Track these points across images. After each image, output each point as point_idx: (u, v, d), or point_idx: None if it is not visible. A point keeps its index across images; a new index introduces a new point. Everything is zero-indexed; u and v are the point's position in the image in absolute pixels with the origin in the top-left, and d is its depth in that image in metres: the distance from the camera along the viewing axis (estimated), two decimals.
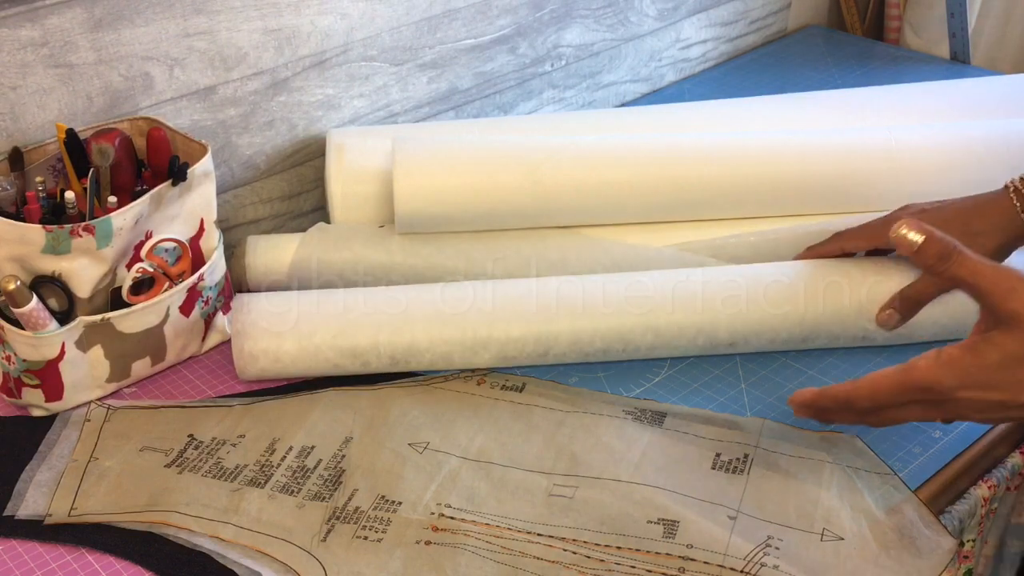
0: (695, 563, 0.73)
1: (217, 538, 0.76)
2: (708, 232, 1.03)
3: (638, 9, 1.37)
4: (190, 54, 0.98)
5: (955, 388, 0.68)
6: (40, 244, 0.81)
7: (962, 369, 0.67)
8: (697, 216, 1.03)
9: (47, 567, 0.75)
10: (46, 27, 0.88)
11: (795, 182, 1.02)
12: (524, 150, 1.01)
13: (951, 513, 0.83)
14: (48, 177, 0.89)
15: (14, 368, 0.85)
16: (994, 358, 0.66)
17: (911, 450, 0.84)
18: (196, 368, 0.94)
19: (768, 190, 1.02)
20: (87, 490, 0.80)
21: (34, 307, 0.82)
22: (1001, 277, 0.66)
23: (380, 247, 0.99)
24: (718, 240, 1.02)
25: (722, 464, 0.82)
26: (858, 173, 1.02)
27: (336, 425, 0.86)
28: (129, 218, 0.84)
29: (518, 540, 0.76)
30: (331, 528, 0.77)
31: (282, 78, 1.06)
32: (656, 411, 0.88)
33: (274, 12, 1.02)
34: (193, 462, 0.83)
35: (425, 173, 0.98)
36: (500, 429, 0.86)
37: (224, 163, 1.05)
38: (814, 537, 0.76)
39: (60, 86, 0.91)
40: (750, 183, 1.01)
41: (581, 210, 1.01)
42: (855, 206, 1.03)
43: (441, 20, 1.16)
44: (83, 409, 0.88)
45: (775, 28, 1.60)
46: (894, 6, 1.60)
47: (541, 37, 1.27)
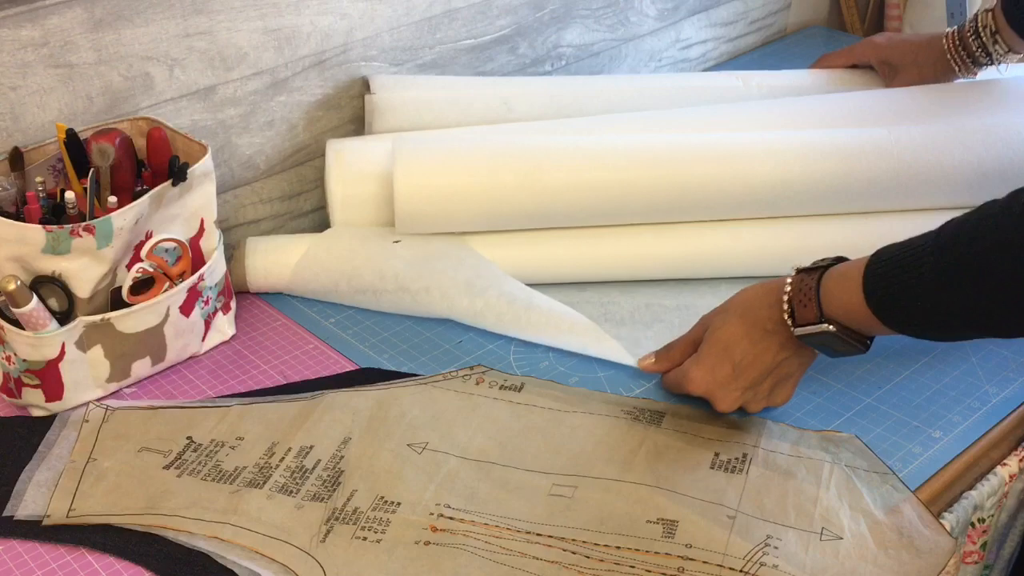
0: (694, 563, 0.73)
1: (216, 538, 0.76)
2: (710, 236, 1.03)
3: (638, 9, 1.37)
4: (190, 54, 0.98)
5: (696, 380, 0.86)
6: (40, 244, 0.81)
7: (694, 363, 0.87)
8: (698, 217, 1.03)
9: (47, 567, 0.75)
10: (46, 27, 0.88)
11: (796, 183, 1.01)
12: (524, 150, 1.01)
13: (968, 498, 0.84)
14: (48, 177, 0.89)
15: (14, 368, 0.85)
16: (704, 347, 0.87)
17: (911, 450, 0.84)
18: (196, 368, 0.95)
19: (769, 191, 1.01)
20: (85, 491, 0.80)
21: (34, 307, 0.82)
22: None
23: (387, 252, 1.00)
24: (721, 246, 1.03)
25: (721, 464, 0.82)
26: (858, 172, 1.02)
27: (335, 425, 0.86)
28: (129, 218, 0.84)
29: (517, 540, 0.76)
30: (330, 529, 0.77)
31: (282, 78, 1.06)
32: (655, 411, 0.88)
33: (274, 12, 1.02)
34: (192, 465, 0.83)
35: (425, 173, 0.99)
36: (499, 429, 0.86)
37: (224, 163, 1.05)
38: (813, 536, 0.76)
39: (60, 86, 0.91)
40: (752, 184, 1.01)
41: (581, 210, 1.01)
42: (855, 206, 1.04)
43: (441, 20, 1.16)
44: (82, 410, 0.88)
45: (775, 28, 1.60)
46: (894, 6, 1.60)
47: (541, 37, 1.27)
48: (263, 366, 0.95)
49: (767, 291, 0.84)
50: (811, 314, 0.80)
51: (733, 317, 0.85)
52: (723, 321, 0.85)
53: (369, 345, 0.97)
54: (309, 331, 0.99)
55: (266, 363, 0.95)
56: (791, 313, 0.81)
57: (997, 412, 0.88)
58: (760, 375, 0.84)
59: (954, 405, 0.89)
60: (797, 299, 0.81)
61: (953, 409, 0.88)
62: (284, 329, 1.00)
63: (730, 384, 0.84)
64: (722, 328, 0.85)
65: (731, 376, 0.84)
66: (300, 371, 0.94)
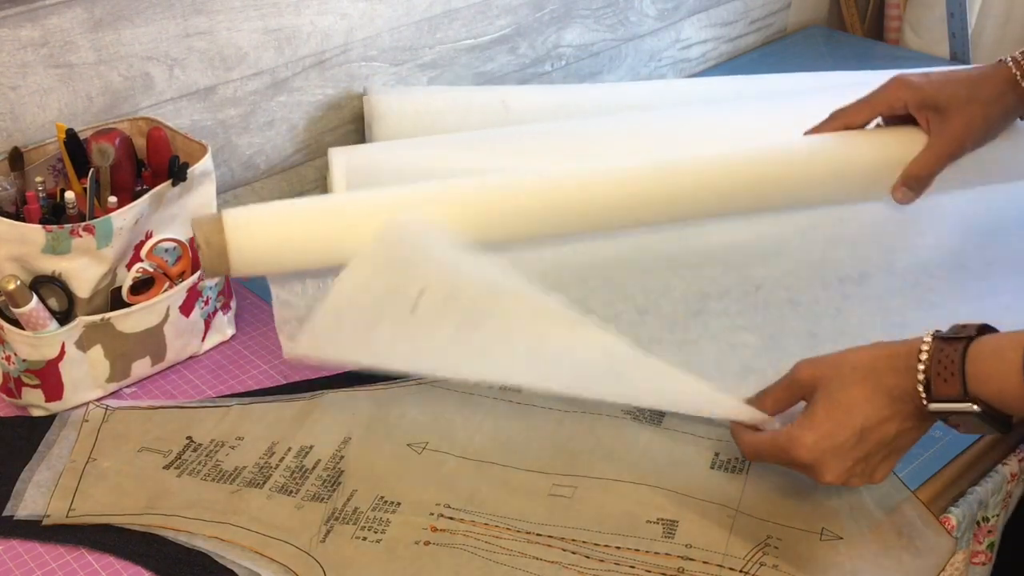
0: (694, 563, 0.73)
1: (216, 538, 0.76)
2: None
3: (638, 9, 1.37)
4: (190, 54, 0.98)
5: (810, 447, 0.75)
6: (40, 244, 0.81)
7: (806, 427, 0.75)
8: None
9: (47, 567, 0.75)
10: (46, 27, 0.88)
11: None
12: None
13: (973, 493, 0.84)
14: (48, 177, 0.89)
15: (14, 368, 0.86)
16: (819, 407, 0.75)
17: (911, 450, 0.84)
18: (196, 368, 0.94)
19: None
20: (85, 491, 0.80)
21: (34, 307, 0.82)
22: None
23: None
24: None
25: (721, 463, 0.82)
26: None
27: (335, 425, 0.86)
28: (129, 218, 0.84)
29: (517, 540, 0.76)
30: (330, 529, 0.77)
31: (282, 78, 1.06)
32: (655, 410, 0.88)
33: (274, 12, 1.02)
34: (192, 465, 0.83)
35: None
36: (499, 429, 0.86)
37: (224, 163, 1.05)
38: (813, 536, 0.76)
39: (60, 86, 0.91)
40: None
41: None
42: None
43: (441, 20, 1.16)
44: (82, 409, 0.88)
45: (775, 28, 1.60)
46: (894, 6, 1.60)
47: (541, 37, 1.27)
48: (263, 366, 0.95)
49: (894, 355, 0.74)
50: (953, 390, 0.70)
51: (855, 378, 0.75)
52: (842, 380, 0.75)
53: None
54: None
55: (266, 363, 0.95)
56: (926, 385, 0.72)
57: None
58: (878, 446, 0.75)
59: None
60: (935, 371, 0.71)
61: None
62: None
63: (847, 453, 0.74)
64: (842, 391, 0.75)
65: (849, 444, 0.74)
66: (300, 371, 0.94)
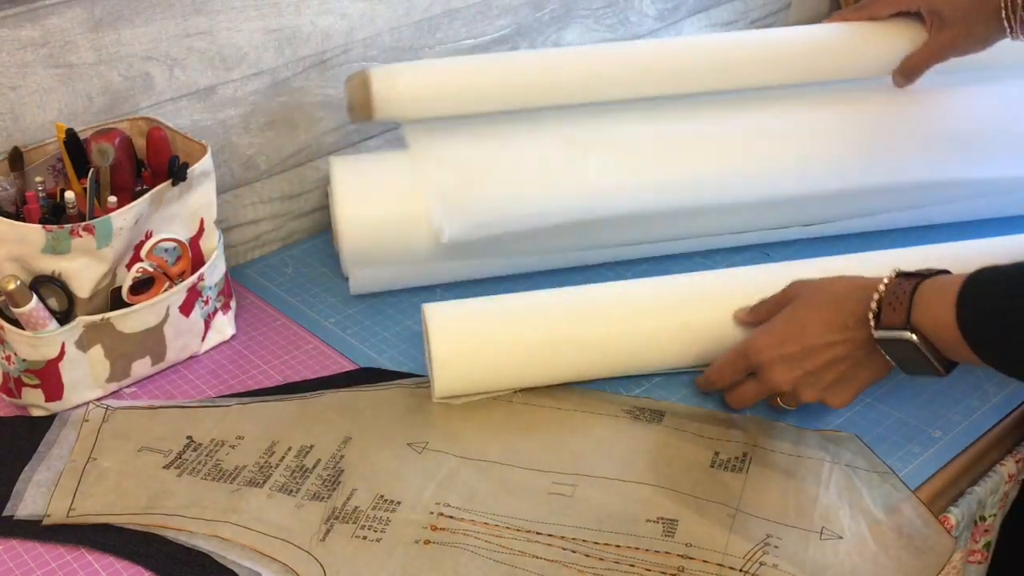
0: (694, 562, 0.73)
1: (216, 538, 0.76)
2: None
3: (638, 9, 1.37)
4: (190, 54, 0.98)
5: (761, 349, 0.82)
6: (40, 244, 0.81)
7: (764, 331, 0.83)
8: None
9: (47, 567, 0.75)
10: (46, 27, 0.88)
11: None
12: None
13: (972, 493, 0.84)
14: (48, 177, 0.89)
15: (14, 368, 0.86)
16: (780, 318, 0.83)
17: (911, 450, 0.84)
18: (196, 368, 0.95)
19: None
20: (85, 491, 0.80)
21: (34, 307, 0.82)
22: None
23: None
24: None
25: (721, 463, 0.82)
26: None
27: (335, 425, 0.86)
28: (129, 218, 0.84)
29: (517, 539, 0.76)
30: (330, 528, 0.77)
31: (282, 78, 1.06)
32: (655, 410, 0.88)
33: (274, 12, 1.02)
34: (192, 464, 0.83)
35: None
36: (499, 428, 0.86)
37: (224, 163, 1.05)
38: (813, 536, 0.76)
39: (60, 86, 0.91)
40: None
41: None
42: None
43: (441, 20, 1.16)
44: (82, 409, 0.88)
45: None
46: None
47: (541, 37, 1.27)
48: (263, 366, 0.95)
49: (861, 285, 0.80)
50: (898, 319, 0.75)
51: (819, 300, 0.81)
52: (809, 300, 0.82)
53: (369, 345, 0.97)
54: (309, 331, 0.99)
55: (266, 363, 0.95)
56: (877, 313, 0.77)
57: (997, 412, 0.88)
58: (825, 364, 0.80)
59: (954, 405, 0.89)
60: (888, 300, 0.76)
61: (953, 409, 0.88)
62: (284, 329, 1.00)
63: (796, 363, 0.80)
64: (805, 308, 0.82)
65: (797, 356, 0.80)
66: (300, 371, 0.94)
